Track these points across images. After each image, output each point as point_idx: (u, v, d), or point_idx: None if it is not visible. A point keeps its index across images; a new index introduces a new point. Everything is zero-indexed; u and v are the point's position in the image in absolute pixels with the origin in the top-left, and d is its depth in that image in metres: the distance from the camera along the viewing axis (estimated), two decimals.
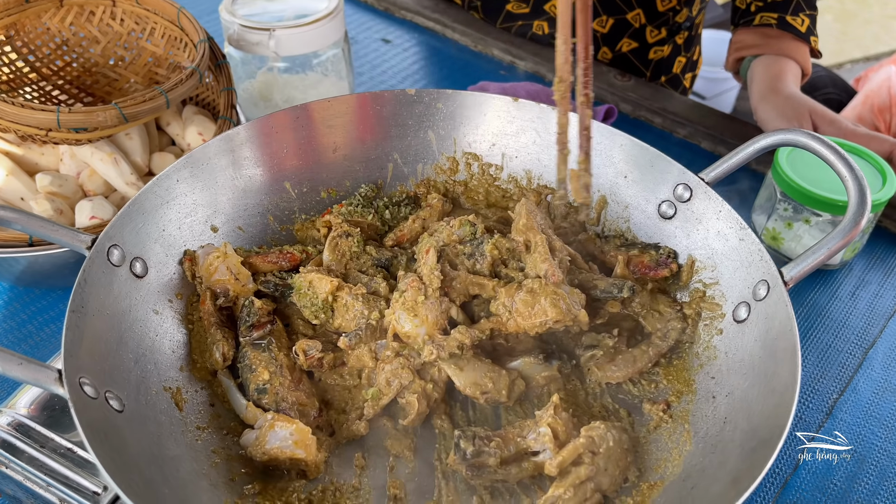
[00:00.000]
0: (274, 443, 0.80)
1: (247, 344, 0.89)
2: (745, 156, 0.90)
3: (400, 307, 0.88)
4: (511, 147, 1.06)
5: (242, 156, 0.98)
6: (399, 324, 0.88)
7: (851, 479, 1.01)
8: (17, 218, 0.77)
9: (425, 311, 0.87)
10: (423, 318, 0.87)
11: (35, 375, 0.68)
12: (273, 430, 0.80)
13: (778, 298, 0.80)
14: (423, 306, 0.87)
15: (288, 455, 0.79)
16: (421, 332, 0.87)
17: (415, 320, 0.87)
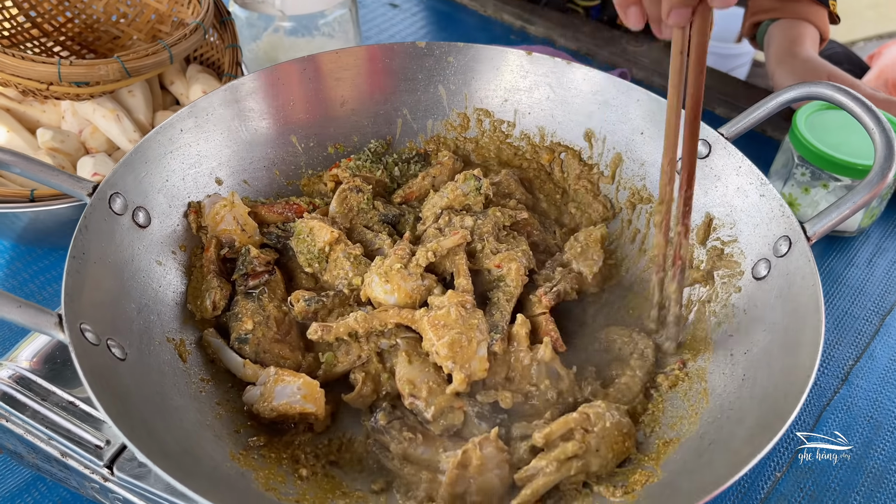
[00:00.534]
0: (282, 398, 0.78)
1: (240, 293, 0.87)
2: (768, 110, 0.87)
3: (375, 270, 0.85)
4: (524, 103, 1.03)
5: (248, 107, 0.96)
6: (370, 287, 0.85)
7: (867, 446, 0.99)
8: (15, 161, 0.75)
9: (400, 280, 0.83)
10: (396, 287, 0.83)
11: (34, 319, 0.66)
12: (279, 386, 0.79)
13: (800, 254, 0.78)
14: (398, 275, 0.83)
15: (297, 410, 0.77)
16: (390, 299, 0.84)
17: (385, 286, 0.83)
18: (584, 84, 1.00)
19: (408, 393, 0.79)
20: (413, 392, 0.79)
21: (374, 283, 0.84)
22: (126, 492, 0.79)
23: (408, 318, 0.82)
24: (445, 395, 0.78)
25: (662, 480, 0.69)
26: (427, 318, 0.80)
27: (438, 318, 0.80)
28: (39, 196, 1.08)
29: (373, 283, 0.84)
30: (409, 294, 0.83)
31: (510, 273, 0.87)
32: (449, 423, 0.78)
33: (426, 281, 0.85)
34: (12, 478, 0.93)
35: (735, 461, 0.63)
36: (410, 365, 0.81)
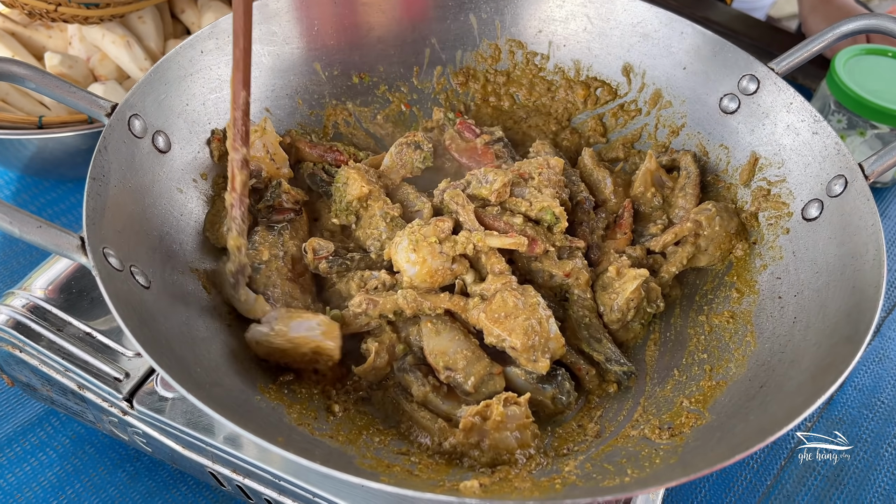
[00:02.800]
0: (300, 331, 0.74)
1: (262, 224, 0.83)
2: (825, 43, 0.83)
3: (408, 233, 0.78)
4: (559, 34, 0.98)
5: (271, 30, 0.90)
6: (395, 248, 0.78)
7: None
8: (31, 75, 0.70)
9: (428, 254, 0.76)
10: (421, 259, 0.76)
11: (55, 241, 0.61)
12: (295, 321, 0.75)
13: (857, 193, 0.74)
14: (428, 249, 0.76)
15: (316, 343, 0.73)
16: (410, 270, 0.77)
17: (410, 254, 0.76)
18: (623, 15, 0.95)
19: (442, 367, 0.74)
20: (448, 364, 0.74)
21: (401, 247, 0.77)
22: (145, 425, 0.77)
23: (460, 306, 0.76)
24: (483, 364, 0.74)
25: (711, 423, 0.67)
26: (483, 314, 0.74)
27: (496, 311, 0.74)
28: (47, 123, 1.03)
29: (399, 245, 0.78)
30: (432, 273, 0.77)
31: (580, 286, 0.83)
32: (491, 391, 0.74)
33: (456, 265, 0.78)
34: (23, 411, 0.90)
35: (792, 404, 0.60)
36: (439, 336, 0.76)
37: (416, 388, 0.74)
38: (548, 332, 0.75)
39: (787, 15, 2.90)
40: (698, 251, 0.85)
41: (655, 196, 0.91)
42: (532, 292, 0.76)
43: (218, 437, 0.72)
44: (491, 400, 0.70)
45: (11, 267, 1.03)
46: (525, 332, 0.73)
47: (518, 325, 0.73)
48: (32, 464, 0.85)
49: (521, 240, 0.79)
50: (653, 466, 0.62)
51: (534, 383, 0.75)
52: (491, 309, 0.74)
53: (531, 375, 0.75)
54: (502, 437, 0.69)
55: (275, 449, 0.54)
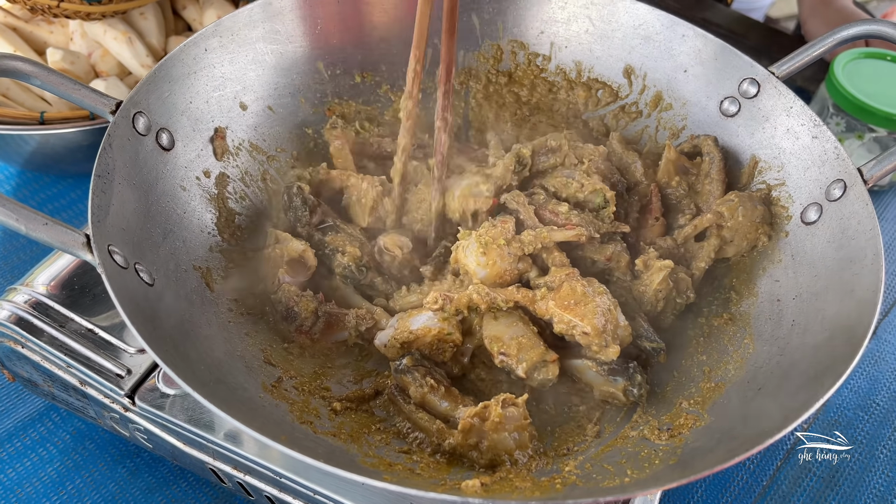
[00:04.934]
0: (419, 323, 0.77)
1: (314, 232, 0.85)
2: (826, 48, 0.84)
3: (477, 236, 0.79)
4: (561, 35, 0.99)
5: (274, 29, 0.90)
6: (465, 251, 0.79)
7: (895, 399, 0.99)
8: (36, 72, 0.70)
9: (497, 256, 0.78)
10: (491, 262, 0.78)
11: (61, 238, 0.62)
12: (412, 318, 0.78)
13: (856, 198, 0.75)
14: (498, 252, 0.78)
15: (437, 330, 0.76)
16: (480, 273, 0.78)
17: (481, 258, 0.78)
18: (625, 17, 0.95)
19: (497, 351, 0.75)
20: (502, 349, 0.75)
21: (471, 249, 0.79)
22: (147, 422, 0.77)
23: (528, 298, 0.77)
24: (537, 350, 0.74)
25: (710, 425, 0.67)
26: (553, 301, 0.75)
27: (566, 298, 0.75)
28: (49, 119, 1.03)
29: (469, 248, 0.79)
30: (500, 274, 0.78)
31: (620, 268, 0.84)
32: (544, 378, 0.75)
33: (521, 264, 0.80)
34: (24, 407, 0.90)
35: (790, 407, 0.61)
36: (497, 321, 0.77)
37: (413, 389, 0.75)
38: (616, 320, 0.76)
39: (785, 15, 2.91)
40: (724, 243, 0.85)
41: (681, 185, 0.91)
42: (597, 283, 0.78)
43: (219, 433, 0.72)
44: (489, 401, 0.70)
45: (12, 262, 1.03)
46: (597, 316, 0.74)
47: (589, 310, 0.74)
48: (33, 459, 0.86)
49: (581, 230, 0.81)
50: (652, 467, 0.63)
51: (605, 375, 0.76)
52: (560, 297, 0.76)
53: (602, 367, 0.76)
54: (501, 438, 0.69)
55: (279, 447, 0.54)
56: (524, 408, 0.71)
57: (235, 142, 0.88)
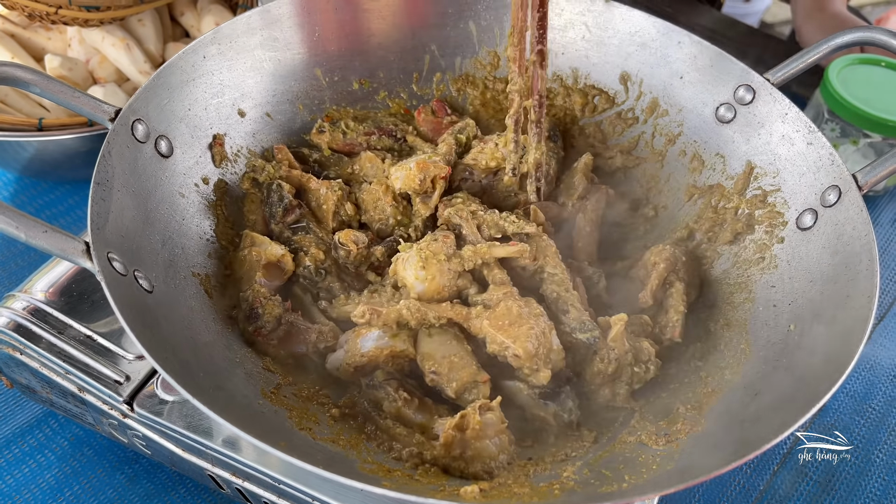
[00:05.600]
0: (369, 344, 0.75)
1: (284, 229, 0.84)
2: (820, 55, 0.84)
3: (417, 249, 0.78)
4: (557, 42, 0.99)
5: (272, 36, 0.91)
6: (403, 265, 0.78)
7: (890, 404, 0.99)
8: (36, 80, 0.71)
9: (437, 272, 0.77)
10: (430, 277, 0.77)
11: (61, 245, 0.62)
12: (362, 337, 0.76)
13: (851, 204, 0.75)
14: (438, 267, 0.77)
15: (388, 350, 0.75)
16: (418, 287, 0.77)
17: (420, 272, 0.77)
18: (621, 24, 0.96)
19: (427, 369, 0.74)
20: (433, 368, 0.74)
21: (409, 263, 0.78)
22: (146, 429, 0.77)
23: (462, 315, 0.76)
24: (468, 370, 0.73)
25: (707, 430, 0.68)
26: (487, 321, 0.74)
27: (500, 318, 0.74)
28: (47, 125, 1.03)
29: (408, 262, 0.78)
30: (439, 290, 0.78)
31: (549, 262, 0.82)
32: (473, 398, 0.74)
33: (461, 280, 0.79)
34: (22, 413, 0.91)
35: (787, 412, 0.61)
36: (430, 339, 0.76)
37: (387, 405, 0.73)
38: (550, 343, 0.75)
39: (780, 21, 2.93)
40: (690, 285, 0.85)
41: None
42: (534, 304, 0.77)
43: (217, 440, 0.72)
44: (466, 410, 0.70)
45: (10, 269, 1.03)
46: (529, 339, 0.73)
47: (522, 332, 0.73)
48: (31, 465, 0.86)
49: (524, 247, 0.80)
50: (650, 473, 0.63)
51: (536, 399, 0.75)
52: (495, 316, 0.74)
53: (534, 391, 0.75)
54: (483, 445, 0.69)
55: (278, 453, 0.55)
56: (499, 411, 0.70)
57: (234, 149, 0.88)
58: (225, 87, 0.87)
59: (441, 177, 0.87)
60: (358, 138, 0.95)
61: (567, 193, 0.94)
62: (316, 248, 0.83)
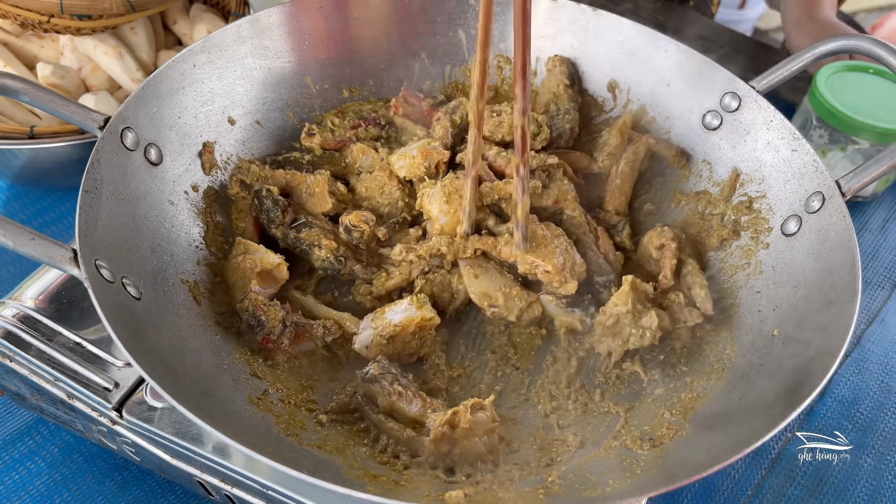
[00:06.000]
0: (399, 315, 0.79)
1: (289, 231, 0.86)
2: (805, 63, 0.85)
3: (440, 187, 0.84)
4: (547, 50, 1.00)
5: (262, 44, 0.91)
6: (429, 198, 0.84)
7: (878, 409, 1.00)
8: (25, 89, 0.71)
9: (458, 205, 0.83)
10: (452, 211, 0.83)
11: (48, 253, 0.62)
12: (389, 312, 0.80)
13: (834, 210, 0.76)
14: (460, 201, 0.83)
15: (418, 318, 0.79)
16: (443, 220, 0.84)
17: (444, 206, 0.83)
18: (609, 32, 0.97)
19: (487, 305, 0.82)
20: (492, 303, 0.82)
21: (435, 198, 0.84)
22: (135, 435, 0.77)
23: (490, 244, 0.83)
24: (521, 296, 0.83)
25: (691, 435, 0.68)
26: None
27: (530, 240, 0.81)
28: (39, 133, 1.04)
29: (433, 196, 0.84)
30: (461, 221, 0.84)
31: (568, 205, 0.89)
32: (530, 317, 0.84)
33: (480, 213, 0.86)
34: (12, 420, 0.91)
35: (770, 416, 0.62)
36: (479, 279, 0.83)
37: (381, 399, 0.75)
38: (574, 258, 0.84)
39: (774, 27, 2.94)
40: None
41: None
42: (553, 226, 0.85)
43: (206, 446, 0.73)
44: (458, 407, 0.71)
45: (0, 276, 1.03)
46: (556, 256, 0.81)
47: (550, 251, 0.81)
48: (21, 472, 0.86)
49: (536, 183, 0.87)
50: (634, 477, 0.64)
51: (564, 307, 0.84)
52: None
53: (562, 300, 0.84)
54: (471, 444, 0.70)
55: (264, 460, 0.55)
56: (492, 410, 0.72)
57: (224, 156, 0.89)
58: (215, 96, 0.88)
59: (444, 162, 0.90)
60: (346, 133, 0.96)
61: (600, 148, 0.96)
62: (326, 238, 0.85)
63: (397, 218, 0.89)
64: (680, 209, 0.93)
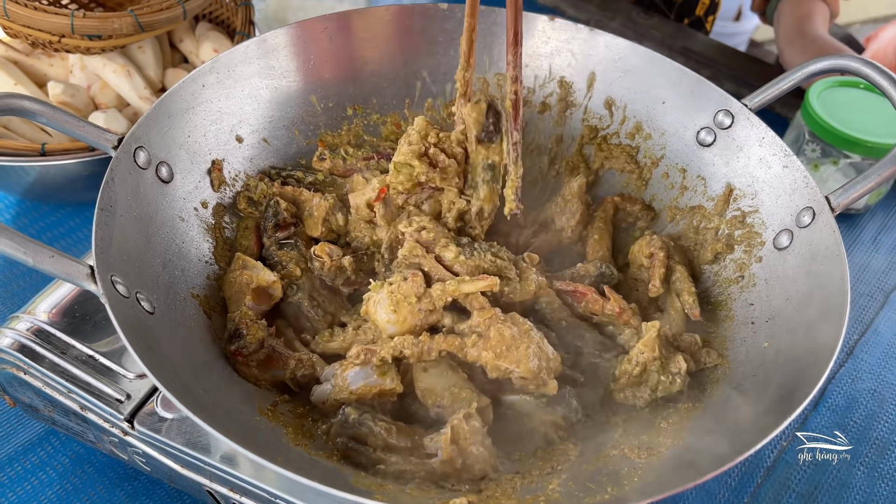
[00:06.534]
0: (359, 382, 0.76)
1: (272, 244, 0.87)
2: (794, 82, 0.88)
3: (387, 294, 0.78)
4: (544, 69, 1.03)
5: (269, 65, 0.94)
6: (375, 307, 0.79)
7: (871, 418, 1.02)
8: (42, 110, 0.74)
9: (408, 313, 0.78)
10: (402, 319, 0.78)
11: (67, 270, 0.65)
12: (350, 371, 0.76)
13: (824, 225, 0.79)
14: (408, 308, 0.78)
15: (378, 389, 0.76)
16: (390, 329, 0.78)
17: (391, 315, 0.78)
18: (606, 51, 1.00)
19: (431, 404, 0.76)
20: (437, 402, 0.76)
21: (381, 306, 0.79)
22: (145, 446, 0.79)
23: (456, 346, 0.77)
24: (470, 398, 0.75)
25: (686, 444, 0.70)
26: (485, 352, 0.76)
27: (496, 346, 0.75)
28: (50, 150, 1.06)
29: (379, 305, 0.79)
30: (411, 329, 0.79)
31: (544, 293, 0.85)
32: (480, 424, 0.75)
33: (433, 317, 0.80)
34: (24, 432, 0.93)
35: (762, 425, 0.64)
36: (426, 373, 0.77)
37: (372, 440, 0.73)
38: (547, 354, 0.77)
39: (769, 40, 2.98)
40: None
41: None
42: (520, 319, 0.79)
43: (215, 456, 0.74)
44: (453, 422, 0.71)
45: (13, 290, 1.06)
46: (530, 359, 0.75)
47: (522, 354, 0.75)
48: (33, 483, 0.88)
49: (494, 280, 0.80)
50: (632, 484, 0.66)
51: (543, 406, 0.77)
52: (491, 345, 0.76)
53: (540, 399, 0.77)
54: (477, 451, 0.71)
55: (275, 468, 0.57)
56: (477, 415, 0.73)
57: (232, 173, 0.92)
58: (223, 115, 0.91)
59: (374, 200, 0.88)
60: (357, 163, 0.98)
61: (565, 218, 0.96)
62: (295, 264, 0.86)
63: (364, 250, 0.89)
64: (675, 223, 0.95)
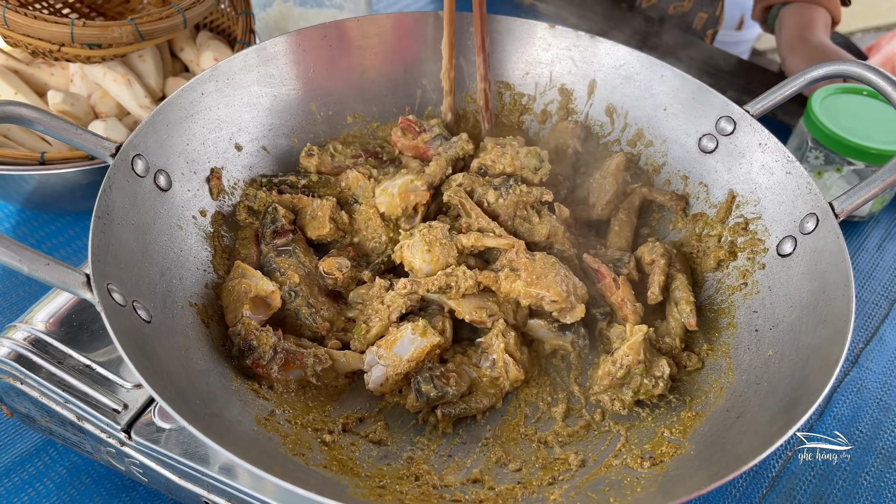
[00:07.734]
0: (408, 349, 0.80)
1: (270, 250, 0.87)
2: (797, 87, 0.87)
3: (420, 234, 0.85)
4: (545, 76, 1.02)
5: (268, 73, 0.94)
6: (409, 249, 0.86)
7: (877, 427, 1.00)
8: (40, 118, 0.73)
9: (440, 253, 0.85)
10: (434, 258, 0.85)
11: (62, 278, 0.64)
12: (396, 343, 0.81)
13: (828, 231, 0.78)
14: (441, 249, 0.85)
15: (428, 347, 0.80)
16: (426, 269, 0.85)
17: (426, 255, 0.85)
18: (607, 58, 0.99)
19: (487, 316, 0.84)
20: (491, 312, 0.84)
21: (416, 248, 0.85)
22: (143, 456, 0.78)
23: (491, 279, 0.85)
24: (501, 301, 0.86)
25: (690, 452, 0.69)
26: (519, 281, 0.83)
27: (528, 274, 0.83)
28: (49, 159, 1.06)
29: (414, 246, 0.85)
30: (443, 268, 0.85)
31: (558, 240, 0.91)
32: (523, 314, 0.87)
33: (461, 259, 0.87)
34: (21, 442, 0.92)
35: (767, 434, 0.63)
36: (464, 299, 0.84)
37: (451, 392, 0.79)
38: (574, 282, 0.85)
39: (772, 48, 2.98)
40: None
41: None
42: (544, 254, 0.86)
43: (213, 466, 0.74)
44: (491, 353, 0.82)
45: (11, 299, 1.05)
46: (559, 284, 0.82)
47: (552, 281, 0.83)
48: (30, 494, 0.87)
49: (513, 240, 0.87)
50: (634, 494, 0.65)
51: (556, 332, 0.85)
52: (523, 276, 0.83)
53: (553, 325, 0.85)
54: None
55: (272, 478, 0.56)
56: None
57: (231, 181, 0.91)
58: (222, 123, 0.90)
59: (422, 203, 0.92)
60: (346, 161, 0.98)
61: (597, 195, 0.97)
62: (293, 271, 0.86)
63: (382, 258, 0.90)
64: (677, 231, 0.94)
